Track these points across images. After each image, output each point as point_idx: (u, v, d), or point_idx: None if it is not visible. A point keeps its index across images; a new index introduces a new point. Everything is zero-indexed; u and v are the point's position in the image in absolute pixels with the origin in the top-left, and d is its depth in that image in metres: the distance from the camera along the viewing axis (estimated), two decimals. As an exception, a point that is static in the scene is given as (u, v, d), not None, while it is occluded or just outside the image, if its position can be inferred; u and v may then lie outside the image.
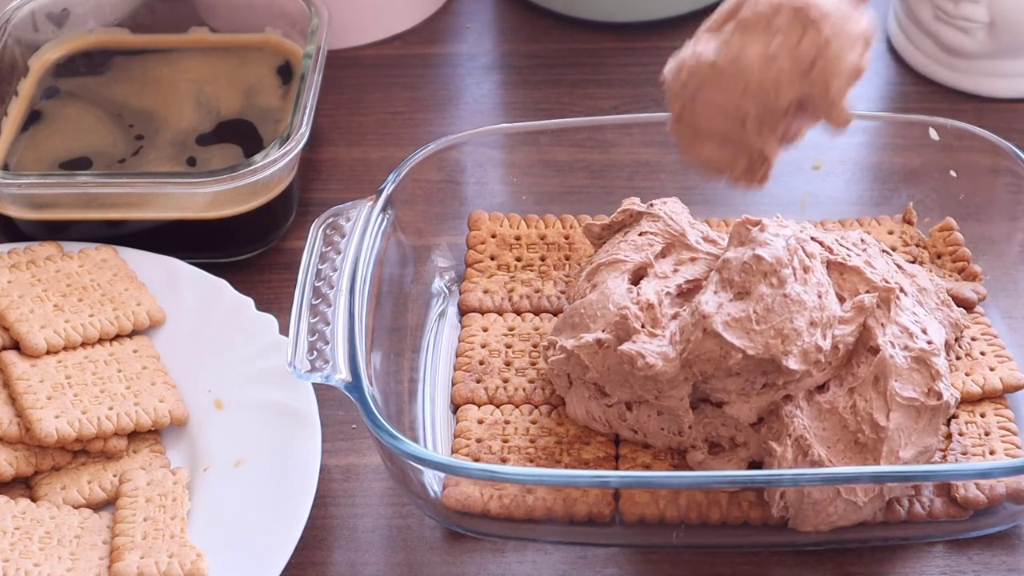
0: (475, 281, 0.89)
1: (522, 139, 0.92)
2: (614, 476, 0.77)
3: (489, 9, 1.14)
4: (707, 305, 0.75)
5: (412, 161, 0.87)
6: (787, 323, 0.75)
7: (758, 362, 0.75)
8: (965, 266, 0.89)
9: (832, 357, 0.76)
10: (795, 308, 0.75)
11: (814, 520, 0.75)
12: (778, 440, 0.76)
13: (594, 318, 0.80)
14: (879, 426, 0.75)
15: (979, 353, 0.84)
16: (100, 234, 0.92)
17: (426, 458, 0.75)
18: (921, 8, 1.03)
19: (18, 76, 1.00)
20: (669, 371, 0.76)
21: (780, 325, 0.74)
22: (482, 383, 0.84)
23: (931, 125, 0.89)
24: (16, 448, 0.80)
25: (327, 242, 0.82)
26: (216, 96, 0.99)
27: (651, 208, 0.85)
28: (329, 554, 0.80)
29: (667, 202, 0.86)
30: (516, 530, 0.78)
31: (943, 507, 0.77)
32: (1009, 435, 0.80)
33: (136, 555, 0.75)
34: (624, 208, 0.85)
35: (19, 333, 0.84)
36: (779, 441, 0.76)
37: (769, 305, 0.75)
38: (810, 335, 0.75)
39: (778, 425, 0.76)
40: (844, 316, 0.77)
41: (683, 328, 0.76)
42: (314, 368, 0.76)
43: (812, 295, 0.76)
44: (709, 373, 0.76)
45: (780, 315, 0.75)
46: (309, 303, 0.79)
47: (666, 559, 0.79)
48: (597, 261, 0.84)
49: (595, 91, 1.06)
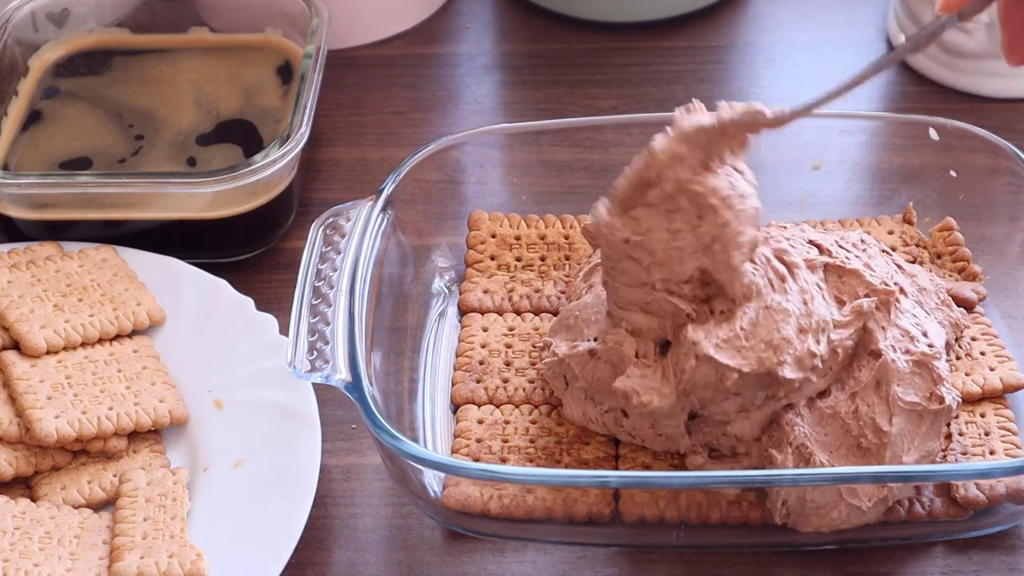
0: (475, 281, 0.89)
1: (522, 139, 0.92)
2: (614, 476, 0.77)
3: (489, 9, 1.14)
4: (694, 333, 0.75)
5: (412, 161, 0.87)
6: (775, 333, 0.74)
7: (755, 378, 0.74)
8: (965, 266, 0.89)
9: (832, 362, 0.76)
10: (780, 318, 0.75)
11: (817, 524, 0.75)
12: (779, 448, 0.76)
13: (588, 322, 0.80)
14: (882, 431, 0.75)
15: (979, 353, 0.83)
16: (100, 234, 0.92)
17: (426, 458, 0.74)
18: (921, 8, 1.03)
19: (18, 76, 1.00)
20: (665, 405, 0.76)
21: (768, 337, 0.74)
22: (482, 383, 0.84)
23: (931, 125, 0.89)
24: (16, 448, 0.80)
25: (327, 242, 0.82)
26: (216, 96, 0.99)
27: None
28: (329, 554, 0.80)
29: None
30: (516, 530, 0.78)
31: (943, 507, 0.77)
32: (1009, 435, 0.80)
33: (136, 555, 0.75)
34: None
35: (19, 333, 0.84)
36: (780, 449, 0.76)
37: (754, 319, 0.74)
38: (801, 342, 0.75)
39: (779, 433, 0.76)
40: (842, 320, 0.77)
41: (675, 359, 0.76)
42: (314, 368, 0.76)
43: (796, 302, 0.75)
44: (708, 399, 0.76)
45: (766, 327, 0.74)
46: (309, 303, 0.79)
47: (666, 559, 0.79)
48: (594, 261, 0.84)
49: (595, 91, 1.06)
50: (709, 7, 1.11)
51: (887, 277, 0.79)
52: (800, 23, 1.11)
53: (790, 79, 1.07)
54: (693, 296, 0.75)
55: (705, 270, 0.74)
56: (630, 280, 0.76)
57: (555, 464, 0.80)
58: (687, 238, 0.74)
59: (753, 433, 0.77)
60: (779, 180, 0.93)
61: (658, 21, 1.10)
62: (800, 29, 1.11)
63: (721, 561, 0.78)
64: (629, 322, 0.77)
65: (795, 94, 1.05)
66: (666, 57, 1.08)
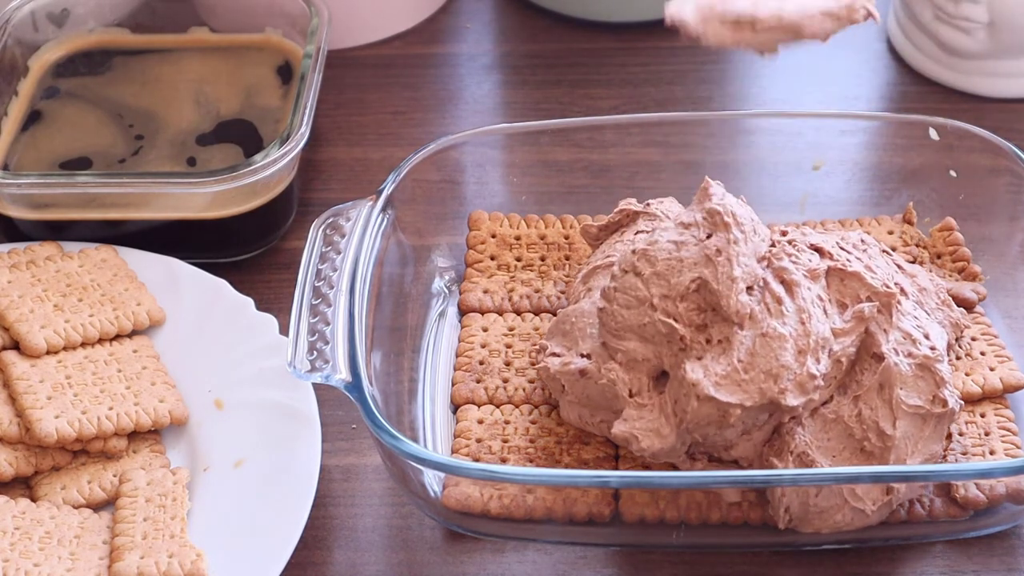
0: (475, 281, 0.89)
1: (522, 139, 0.92)
2: (614, 476, 0.77)
3: (489, 9, 1.14)
4: (693, 372, 0.74)
5: (412, 161, 0.87)
6: (773, 362, 0.74)
7: (758, 408, 0.74)
8: (965, 266, 0.89)
9: (836, 372, 0.76)
10: (777, 344, 0.74)
11: (819, 527, 0.75)
12: (779, 456, 0.76)
13: (584, 333, 0.80)
14: (885, 434, 0.75)
15: (979, 353, 0.83)
16: (100, 234, 0.92)
17: (426, 458, 0.74)
18: (921, 8, 1.03)
19: (18, 76, 1.00)
20: (666, 447, 0.76)
21: (767, 366, 0.74)
22: (482, 383, 0.84)
23: (931, 125, 0.89)
24: (16, 448, 0.80)
25: (327, 242, 0.82)
26: (216, 96, 0.99)
27: (647, 208, 0.85)
28: (329, 554, 0.80)
29: (664, 202, 0.86)
30: (516, 530, 0.78)
31: (943, 507, 0.77)
32: (1009, 435, 0.80)
33: (136, 555, 0.75)
34: (620, 208, 0.85)
35: (19, 333, 0.84)
36: (780, 457, 0.76)
37: (751, 348, 0.74)
38: (800, 364, 0.74)
39: (779, 442, 0.76)
40: (844, 328, 0.76)
41: (674, 396, 0.76)
42: (314, 368, 0.76)
43: (792, 324, 0.75)
44: (712, 434, 0.75)
45: (764, 356, 0.74)
46: (309, 303, 0.79)
47: (666, 559, 0.79)
48: (593, 263, 0.84)
49: (595, 91, 1.06)
50: (709, 7, 1.11)
51: (888, 279, 0.79)
52: (800, 23, 1.11)
53: (790, 79, 1.07)
54: (689, 320, 0.75)
55: (703, 283, 0.74)
56: (628, 300, 0.76)
57: (555, 464, 0.80)
58: (691, 250, 0.75)
59: (756, 451, 0.77)
60: (779, 180, 0.93)
61: (658, 21, 1.09)
62: (800, 29, 1.11)
63: (721, 561, 0.78)
64: (624, 352, 0.77)
65: (795, 94, 1.06)
66: (666, 57, 1.08)
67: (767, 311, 0.75)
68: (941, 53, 1.03)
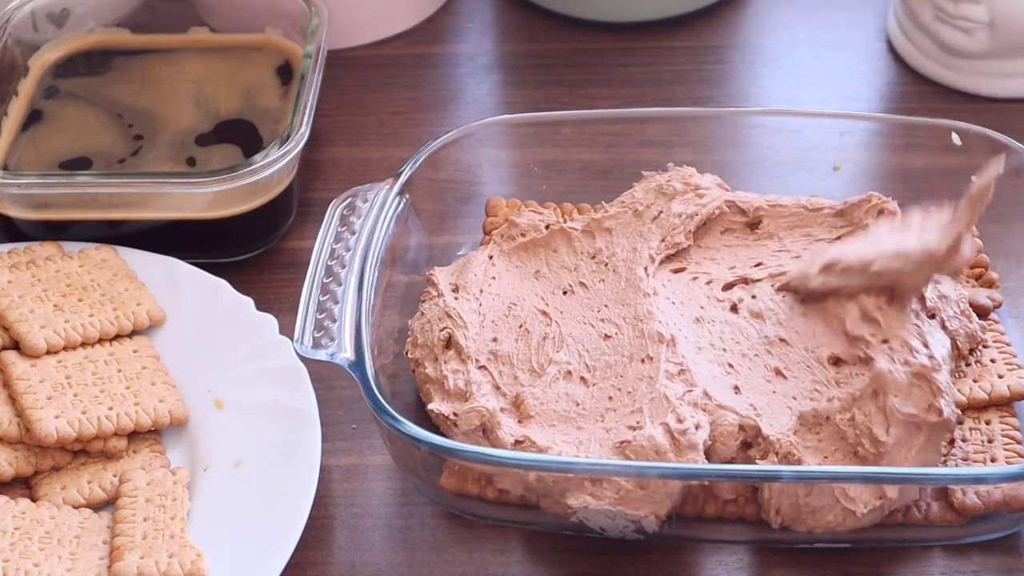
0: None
1: (543, 129, 0.92)
2: (611, 464, 0.77)
3: (489, 9, 1.14)
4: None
5: (432, 147, 0.87)
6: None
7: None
8: (983, 272, 0.87)
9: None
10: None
11: (811, 526, 0.75)
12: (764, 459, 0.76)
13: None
14: (878, 441, 0.75)
15: (989, 360, 0.82)
16: (100, 234, 0.92)
17: (424, 439, 0.74)
18: (921, 8, 1.03)
19: (18, 76, 1.00)
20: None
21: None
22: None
23: (953, 130, 0.87)
24: (16, 448, 0.80)
25: (343, 222, 0.82)
26: (216, 96, 0.99)
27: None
28: (329, 554, 0.80)
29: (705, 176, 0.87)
30: (514, 514, 0.78)
31: (940, 512, 0.77)
32: (1012, 443, 0.79)
33: (136, 555, 0.75)
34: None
35: (19, 333, 0.84)
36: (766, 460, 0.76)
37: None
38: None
39: (765, 444, 0.76)
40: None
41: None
42: (319, 345, 0.76)
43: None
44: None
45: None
46: (320, 281, 0.79)
47: (666, 559, 0.79)
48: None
49: (595, 91, 1.06)
50: (709, 7, 1.11)
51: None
52: (800, 23, 1.11)
53: (790, 79, 1.07)
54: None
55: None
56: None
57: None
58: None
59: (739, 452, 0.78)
60: (780, 180, 0.93)
61: (658, 21, 1.10)
62: (800, 29, 1.11)
63: (720, 561, 0.78)
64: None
65: (795, 94, 1.06)
66: (666, 57, 1.08)
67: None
68: (941, 53, 1.03)
